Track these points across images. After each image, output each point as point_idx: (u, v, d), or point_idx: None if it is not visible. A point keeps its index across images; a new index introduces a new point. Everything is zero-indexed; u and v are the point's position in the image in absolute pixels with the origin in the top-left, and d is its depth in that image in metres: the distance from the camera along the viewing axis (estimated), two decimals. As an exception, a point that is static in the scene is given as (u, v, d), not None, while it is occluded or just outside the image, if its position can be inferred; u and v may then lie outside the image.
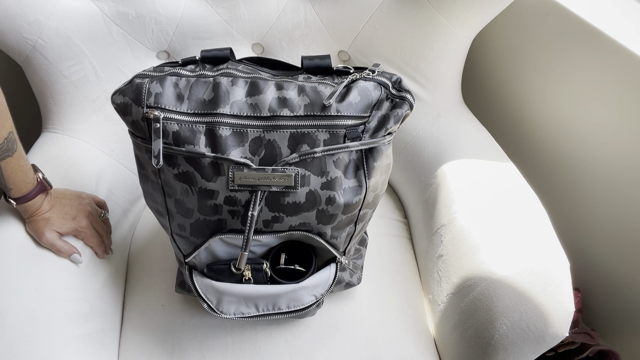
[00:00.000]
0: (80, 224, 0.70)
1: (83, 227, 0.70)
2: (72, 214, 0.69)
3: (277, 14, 0.86)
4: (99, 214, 0.75)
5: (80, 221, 0.70)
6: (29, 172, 0.63)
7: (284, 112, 0.55)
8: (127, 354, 0.73)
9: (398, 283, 0.83)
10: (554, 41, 0.84)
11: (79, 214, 0.70)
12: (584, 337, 0.92)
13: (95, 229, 0.72)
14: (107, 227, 0.78)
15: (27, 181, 0.63)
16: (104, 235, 0.75)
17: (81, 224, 0.70)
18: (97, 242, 0.73)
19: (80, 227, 0.70)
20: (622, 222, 0.85)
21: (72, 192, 0.72)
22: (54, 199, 0.68)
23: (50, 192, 0.68)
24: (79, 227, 0.70)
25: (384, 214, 0.93)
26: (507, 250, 0.67)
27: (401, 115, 0.59)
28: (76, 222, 0.69)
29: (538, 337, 0.62)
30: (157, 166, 0.56)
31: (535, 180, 0.93)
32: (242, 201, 0.58)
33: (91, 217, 0.72)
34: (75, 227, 0.69)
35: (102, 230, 0.75)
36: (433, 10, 0.80)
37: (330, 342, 0.74)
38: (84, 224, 0.70)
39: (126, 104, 0.57)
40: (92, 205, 0.73)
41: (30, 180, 0.64)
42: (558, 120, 0.90)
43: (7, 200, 0.64)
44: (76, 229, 0.69)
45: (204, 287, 0.66)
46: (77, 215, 0.70)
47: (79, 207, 0.71)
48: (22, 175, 0.62)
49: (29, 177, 0.63)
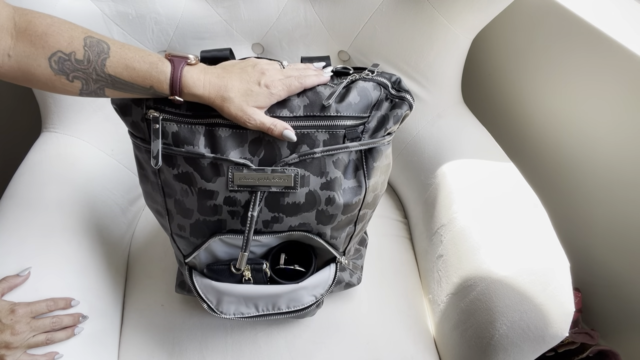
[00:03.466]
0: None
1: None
2: None
3: (277, 14, 0.86)
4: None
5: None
6: (148, 55, 0.51)
7: (283, 113, 0.55)
8: (127, 354, 0.73)
9: (398, 283, 0.83)
10: (554, 41, 0.84)
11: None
12: (584, 337, 0.92)
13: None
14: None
15: (154, 62, 0.50)
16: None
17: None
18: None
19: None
20: (622, 222, 0.85)
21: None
22: None
23: (199, 64, 0.54)
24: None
25: (384, 214, 0.93)
26: (507, 250, 0.67)
27: (401, 116, 0.59)
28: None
29: (538, 337, 0.62)
30: (156, 167, 0.56)
31: (535, 180, 0.93)
32: (242, 202, 0.58)
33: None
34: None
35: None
36: (433, 10, 0.80)
37: (330, 342, 0.74)
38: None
39: (126, 105, 0.57)
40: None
41: (156, 60, 0.51)
42: (558, 120, 0.90)
43: (174, 100, 0.52)
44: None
45: (203, 287, 0.66)
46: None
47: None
48: (145, 64, 0.50)
49: (153, 59, 0.51)
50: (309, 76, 0.56)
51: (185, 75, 0.51)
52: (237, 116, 0.52)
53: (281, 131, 0.54)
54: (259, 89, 0.53)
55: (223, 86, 0.52)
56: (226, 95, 0.52)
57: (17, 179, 0.76)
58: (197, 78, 0.51)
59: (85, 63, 0.48)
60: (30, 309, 0.59)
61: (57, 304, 0.62)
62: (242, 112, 0.52)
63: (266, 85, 0.53)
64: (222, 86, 0.52)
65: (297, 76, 0.55)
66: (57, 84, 0.49)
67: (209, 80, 0.52)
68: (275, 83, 0.53)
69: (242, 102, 0.52)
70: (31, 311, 0.59)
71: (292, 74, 0.55)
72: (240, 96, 0.52)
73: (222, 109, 0.52)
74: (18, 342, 0.57)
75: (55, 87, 0.49)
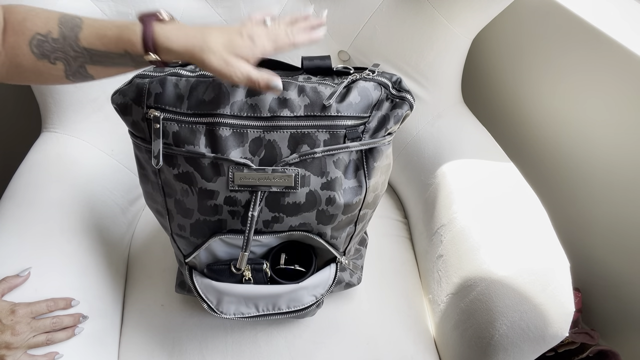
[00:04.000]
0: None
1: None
2: None
3: (277, 14, 0.86)
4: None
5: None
6: (119, 22, 0.49)
7: (284, 113, 0.55)
8: (127, 354, 0.73)
9: (398, 283, 0.83)
10: (554, 41, 0.84)
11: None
12: (584, 337, 0.92)
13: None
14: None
15: (124, 25, 0.48)
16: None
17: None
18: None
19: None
20: (622, 222, 0.85)
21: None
22: None
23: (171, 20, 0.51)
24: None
25: (384, 214, 0.93)
26: (507, 250, 0.67)
27: (401, 116, 0.59)
28: None
29: (538, 337, 0.62)
30: (157, 166, 0.56)
31: (535, 180, 0.93)
32: (242, 201, 0.58)
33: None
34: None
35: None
36: (433, 10, 0.80)
37: (330, 342, 0.74)
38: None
39: (126, 104, 0.57)
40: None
41: (127, 23, 0.48)
42: (558, 120, 0.90)
43: (152, 61, 0.49)
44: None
45: (204, 287, 0.66)
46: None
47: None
48: (115, 29, 0.48)
49: (124, 23, 0.48)
50: (298, 33, 0.52)
51: (157, 30, 0.47)
52: (219, 68, 0.48)
53: (267, 82, 0.49)
54: (241, 40, 0.49)
55: (201, 37, 0.48)
56: (205, 46, 0.47)
57: (17, 179, 0.75)
58: (171, 32, 0.48)
59: (61, 41, 0.48)
60: (30, 310, 0.59)
61: (57, 304, 0.62)
62: (225, 62, 0.48)
63: (249, 36, 0.49)
64: (200, 37, 0.48)
65: (285, 33, 0.51)
66: (43, 69, 0.49)
67: (185, 32, 0.48)
68: (260, 35, 0.49)
69: (224, 52, 0.48)
70: (31, 311, 0.59)
71: (279, 31, 0.51)
72: (221, 46, 0.48)
73: (202, 61, 0.48)
74: (18, 343, 0.57)
75: (42, 73, 0.49)
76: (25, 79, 0.50)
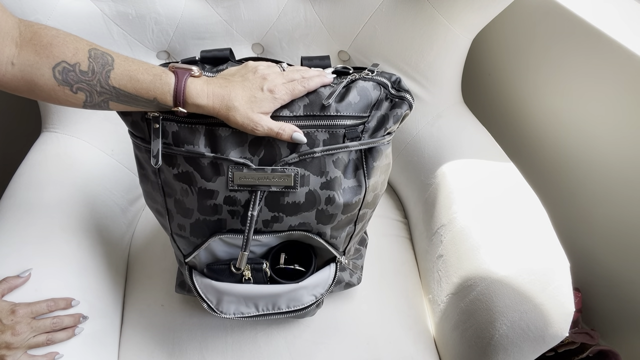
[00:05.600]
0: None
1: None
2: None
3: (277, 14, 0.86)
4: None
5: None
6: (151, 68, 0.51)
7: (283, 112, 0.55)
8: (127, 354, 0.73)
9: (398, 283, 0.83)
10: (554, 41, 0.84)
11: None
12: (584, 337, 0.92)
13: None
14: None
15: (158, 74, 0.50)
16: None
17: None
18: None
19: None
20: (622, 222, 0.85)
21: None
22: None
23: (204, 75, 0.55)
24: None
25: (384, 214, 0.93)
26: (507, 250, 0.67)
27: (400, 115, 0.59)
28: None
29: (538, 337, 0.62)
30: (156, 166, 0.56)
31: (535, 180, 0.93)
32: (242, 201, 0.58)
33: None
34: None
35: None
36: (433, 10, 0.80)
37: (330, 342, 0.74)
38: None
39: (126, 104, 0.57)
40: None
41: (159, 72, 0.51)
42: (558, 120, 0.90)
43: (177, 112, 0.52)
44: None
45: (203, 287, 0.66)
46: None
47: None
48: (148, 75, 0.50)
49: (157, 71, 0.51)
50: (311, 78, 0.56)
51: (189, 86, 0.51)
52: (244, 124, 0.53)
53: (290, 134, 0.54)
54: (263, 95, 0.53)
55: (227, 95, 0.52)
56: (231, 104, 0.52)
57: (17, 179, 0.76)
58: (201, 89, 0.51)
59: (89, 75, 0.49)
60: (30, 310, 0.59)
61: (57, 304, 0.62)
62: (249, 119, 0.52)
63: (270, 90, 0.53)
64: (225, 95, 0.52)
65: (300, 79, 0.55)
66: (61, 95, 0.49)
67: (212, 90, 0.52)
68: (279, 87, 0.54)
69: (248, 110, 0.52)
70: (32, 312, 0.59)
71: (295, 77, 0.55)
72: (245, 104, 0.52)
73: (227, 118, 0.53)
74: (19, 343, 0.57)
75: (59, 98, 0.49)
76: (35, 96, 0.50)
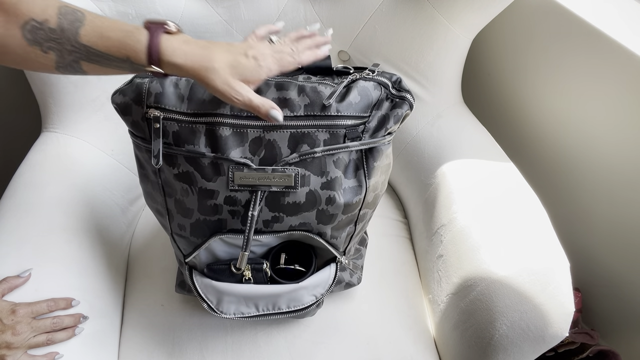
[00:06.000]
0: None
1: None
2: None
3: (277, 14, 0.86)
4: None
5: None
6: (124, 25, 0.47)
7: (284, 112, 0.55)
8: (127, 354, 0.73)
9: (398, 283, 0.83)
10: (554, 41, 0.84)
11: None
12: (584, 337, 0.92)
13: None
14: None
15: (130, 30, 0.46)
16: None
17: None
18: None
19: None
20: (622, 222, 0.85)
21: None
22: None
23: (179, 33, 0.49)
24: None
25: (384, 214, 0.93)
26: (507, 250, 0.67)
27: (401, 115, 0.59)
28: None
29: (538, 337, 0.62)
30: (157, 166, 0.56)
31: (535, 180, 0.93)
32: (242, 201, 0.58)
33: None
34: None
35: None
36: (433, 10, 0.80)
37: (330, 342, 0.74)
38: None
39: (126, 104, 0.57)
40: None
41: (132, 28, 0.47)
42: (558, 120, 0.90)
43: (154, 72, 0.48)
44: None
45: (204, 287, 0.66)
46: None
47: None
48: (119, 32, 0.46)
49: (129, 27, 0.47)
50: (303, 52, 0.52)
51: (163, 43, 0.46)
52: (222, 90, 0.48)
53: (268, 110, 0.50)
54: (247, 61, 0.49)
55: (207, 56, 0.47)
56: (210, 65, 0.47)
57: (17, 179, 0.75)
58: (178, 46, 0.47)
59: (58, 32, 0.46)
60: (31, 310, 0.59)
61: (57, 304, 0.62)
62: (228, 85, 0.48)
63: (254, 57, 0.49)
64: (205, 55, 0.47)
65: (290, 52, 0.51)
66: (32, 56, 0.47)
67: (192, 49, 0.47)
68: (265, 56, 0.50)
69: (228, 75, 0.48)
70: (32, 311, 0.59)
71: (284, 50, 0.52)
72: (225, 67, 0.48)
73: (206, 81, 0.48)
74: (19, 343, 0.57)
75: (31, 59, 0.47)
76: (9, 61, 0.47)
